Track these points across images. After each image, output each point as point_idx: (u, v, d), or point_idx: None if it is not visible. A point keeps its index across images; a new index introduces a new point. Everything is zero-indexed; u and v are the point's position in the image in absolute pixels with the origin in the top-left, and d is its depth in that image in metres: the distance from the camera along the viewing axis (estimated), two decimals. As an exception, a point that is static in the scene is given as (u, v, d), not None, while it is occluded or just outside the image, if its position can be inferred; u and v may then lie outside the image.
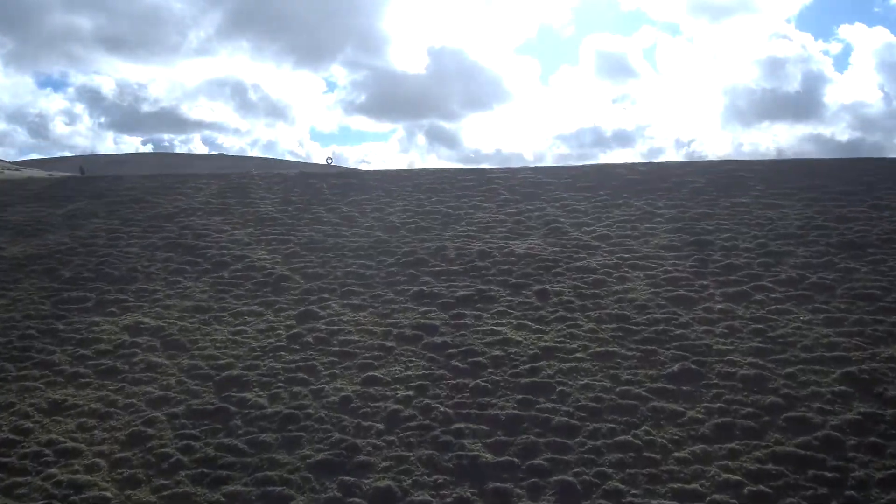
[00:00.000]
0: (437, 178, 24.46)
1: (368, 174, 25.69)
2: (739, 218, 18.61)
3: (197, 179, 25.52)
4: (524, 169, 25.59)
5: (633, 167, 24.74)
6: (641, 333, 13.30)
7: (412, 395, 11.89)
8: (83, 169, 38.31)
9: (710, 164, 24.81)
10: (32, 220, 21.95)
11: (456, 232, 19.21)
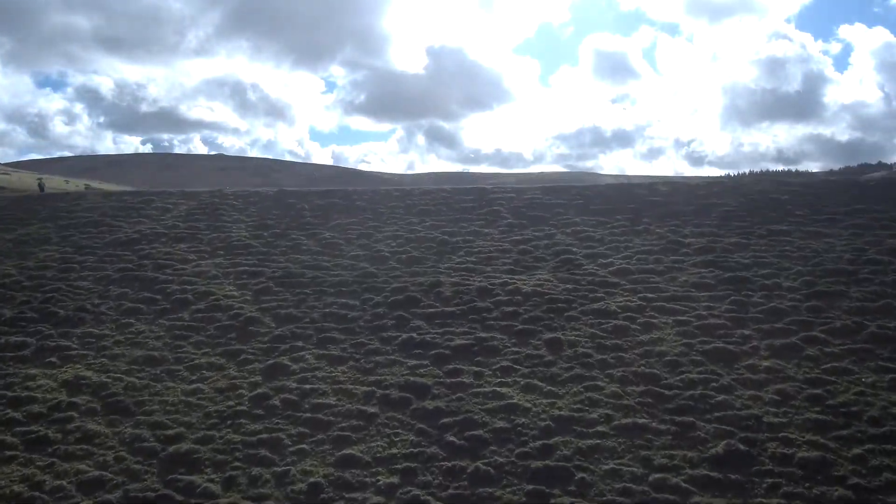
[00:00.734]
0: (431, 198, 22.14)
1: (357, 193, 23.26)
2: (780, 250, 16.30)
3: (165, 199, 23.11)
4: (530, 188, 23.27)
5: (652, 186, 22.34)
6: (675, 400, 11.06)
7: (397, 482, 9.78)
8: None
9: (738, 181, 22.64)
10: (-23, 246, 19.63)
11: (453, 263, 16.93)
